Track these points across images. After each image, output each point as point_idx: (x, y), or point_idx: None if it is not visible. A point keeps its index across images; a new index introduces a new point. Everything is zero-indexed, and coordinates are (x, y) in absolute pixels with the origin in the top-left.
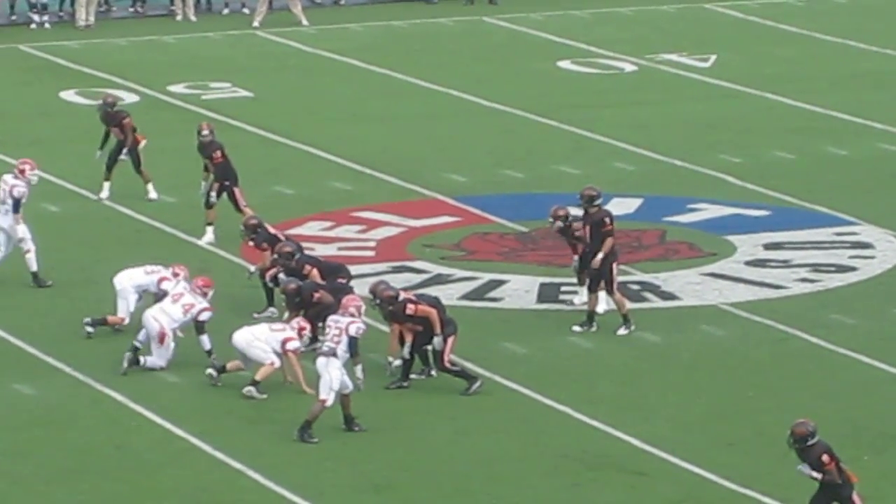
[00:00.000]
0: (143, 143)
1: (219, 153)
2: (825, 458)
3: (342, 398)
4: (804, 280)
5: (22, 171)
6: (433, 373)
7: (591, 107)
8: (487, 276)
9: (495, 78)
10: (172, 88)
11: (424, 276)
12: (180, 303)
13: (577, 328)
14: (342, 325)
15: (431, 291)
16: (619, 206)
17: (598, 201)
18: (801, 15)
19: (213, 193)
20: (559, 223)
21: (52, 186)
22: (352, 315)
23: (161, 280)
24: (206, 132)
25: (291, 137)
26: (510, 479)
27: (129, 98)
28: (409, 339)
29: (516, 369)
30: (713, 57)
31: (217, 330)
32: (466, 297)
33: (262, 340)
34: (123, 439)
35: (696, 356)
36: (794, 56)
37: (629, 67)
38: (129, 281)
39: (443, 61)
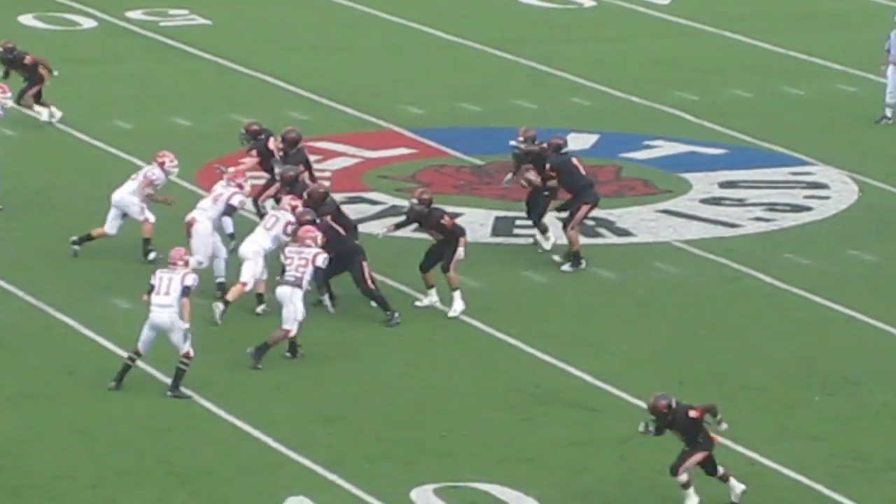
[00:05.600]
0: (54, 74)
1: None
2: (693, 413)
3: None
4: (759, 219)
5: None
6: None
7: (550, 41)
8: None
9: (454, 11)
10: (130, 14)
11: (379, 208)
12: (212, 195)
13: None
14: (307, 256)
15: (386, 223)
16: (576, 142)
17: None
18: None
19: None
20: (523, 146)
21: (8, 111)
22: (308, 246)
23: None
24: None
25: (249, 66)
26: (461, 412)
27: (86, 23)
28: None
29: (470, 303)
30: None
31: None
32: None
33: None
34: (75, 364)
35: (649, 293)
36: None
37: (588, 2)
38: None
39: None
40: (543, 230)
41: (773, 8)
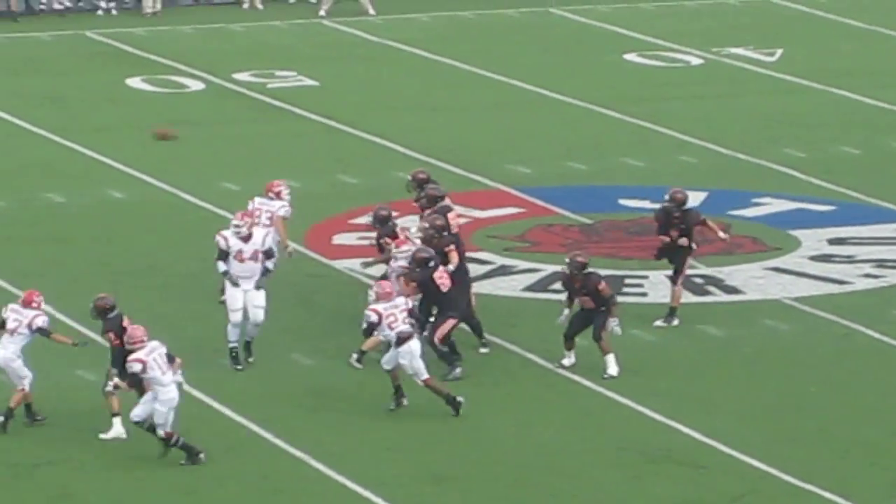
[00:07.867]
0: None
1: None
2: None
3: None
4: (868, 276)
5: None
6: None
7: (657, 99)
8: (551, 268)
9: (561, 69)
10: (238, 76)
11: (488, 267)
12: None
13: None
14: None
15: (495, 282)
16: None
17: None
18: (867, 10)
19: None
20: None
21: (118, 173)
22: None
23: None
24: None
25: (356, 127)
26: (571, 471)
27: (194, 85)
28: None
29: (579, 361)
30: (779, 51)
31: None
32: (530, 288)
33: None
34: (186, 427)
35: (758, 350)
36: (859, 51)
37: (695, 60)
38: None
39: (509, 52)
40: (569, 347)
41: (880, 64)
